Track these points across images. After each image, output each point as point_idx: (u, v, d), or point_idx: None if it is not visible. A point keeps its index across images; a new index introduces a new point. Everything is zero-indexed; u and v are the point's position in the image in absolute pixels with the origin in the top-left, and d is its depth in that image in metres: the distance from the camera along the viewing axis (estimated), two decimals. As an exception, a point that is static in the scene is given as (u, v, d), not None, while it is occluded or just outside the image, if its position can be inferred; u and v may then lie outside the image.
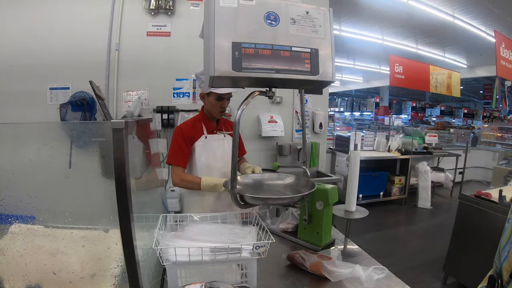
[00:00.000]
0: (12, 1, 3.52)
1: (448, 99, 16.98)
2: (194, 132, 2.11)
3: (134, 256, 0.98)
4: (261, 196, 1.24)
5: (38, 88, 3.58)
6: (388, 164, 6.29)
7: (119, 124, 0.88)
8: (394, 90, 16.35)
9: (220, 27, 1.03)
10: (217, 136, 2.15)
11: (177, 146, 2.06)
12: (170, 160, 2.05)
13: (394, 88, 14.64)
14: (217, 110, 2.09)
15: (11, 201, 1.14)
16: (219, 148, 2.13)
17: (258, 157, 4.02)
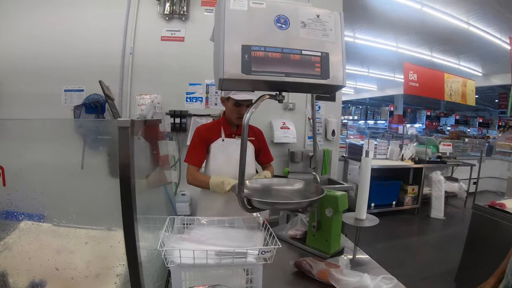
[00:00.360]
0: (29, 5, 3.63)
1: (463, 108, 16.70)
2: (211, 133, 2.14)
3: (136, 256, 0.98)
4: (268, 200, 1.22)
5: (53, 90, 3.68)
6: (401, 173, 6.20)
7: (125, 122, 0.88)
8: (408, 99, 16.16)
9: (230, 30, 1.03)
10: (235, 140, 2.15)
11: (193, 145, 2.12)
12: (187, 158, 2.11)
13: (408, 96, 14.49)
14: (235, 116, 2.10)
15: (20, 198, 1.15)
16: (235, 152, 2.08)
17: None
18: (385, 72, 11.70)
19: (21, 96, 3.62)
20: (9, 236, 1.20)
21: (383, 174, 6.08)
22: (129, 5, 3.69)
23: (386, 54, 8.45)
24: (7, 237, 1.20)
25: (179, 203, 3.48)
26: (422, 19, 5.96)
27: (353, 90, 16.70)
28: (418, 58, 8.29)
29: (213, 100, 3.87)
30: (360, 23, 6.61)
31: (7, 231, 1.20)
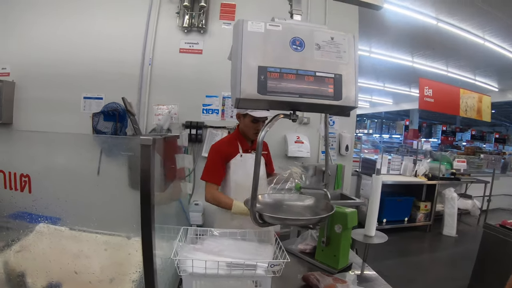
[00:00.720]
0: (51, 14, 3.79)
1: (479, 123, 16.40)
2: (230, 149, 2.19)
3: (152, 264, 1.03)
4: (280, 216, 1.26)
5: (72, 97, 3.80)
6: (414, 189, 6.13)
7: (147, 141, 0.94)
8: (424, 113, 15.98)
9: (247, 51, 1.07)
10: (251, 155, 2.19)
11: (212, 163, 2.14)
12: (205, 177, 2.13)
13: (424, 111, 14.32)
14: (252, 132, 2.16)
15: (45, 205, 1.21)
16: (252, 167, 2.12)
17: (284, 177, 4.04)
18: (400, 87, 11.64)
19: (40, 102, 3.76)
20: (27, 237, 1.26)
21: (396, 190, 6.03)
22: (149, 17, 3.81)
23: (401, 69, 8.43)
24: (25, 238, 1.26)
25: (192, 213, 3.53)
26: (438, 34, 5.96)
27: (368, 104, 16.62)
28: (434, 73, 8.24)
29: (229, 113, 3.94)
30: (376, 37, 6.64)
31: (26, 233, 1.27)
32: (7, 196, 1.18)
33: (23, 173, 1.15)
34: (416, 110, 14.80)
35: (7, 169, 1.16)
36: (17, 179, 1.15)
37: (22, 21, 3.83)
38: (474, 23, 5.66)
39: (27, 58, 3.80)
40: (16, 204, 1.20)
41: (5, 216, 1.26)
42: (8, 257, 1.22)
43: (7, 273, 1.21)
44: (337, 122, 4.30)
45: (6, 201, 1.20)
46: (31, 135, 1.37)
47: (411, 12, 5.22)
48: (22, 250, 1.24)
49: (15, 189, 1.15)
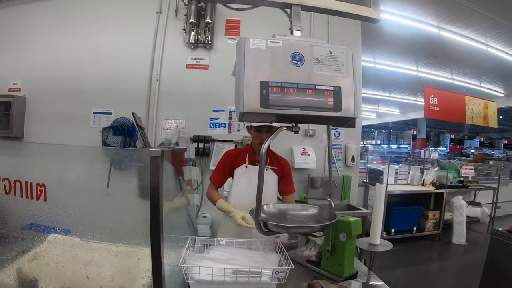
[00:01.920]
0: (62, 31, 3.94)
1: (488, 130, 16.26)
2: (237, 159, 2.29)
3: (161, 272, 1.07)
4: (283, 224, 1.30)
5: (82, 111, 3.92)
6: (422, 198, 6.07)
7: (156, 152, 1.00)
8: (431, 122, 15.91)
9: (249, 67, 1.13)
10: (256, 167, 2.20)
11: (219, 167, 2.30)
12: (211, 177, 2.31)
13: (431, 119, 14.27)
14: (257, 141, 2.24)
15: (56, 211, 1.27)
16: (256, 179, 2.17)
17: (290, 189, 4.07)
18: (406, 96, 11.65)
19: (51, 116, 3.88)
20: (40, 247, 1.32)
21: (403, 200, 6.00)
22: (156, 34, 3.94)
23: (407, 78, 8.47)
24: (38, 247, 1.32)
25: (201, 225, 3.55)
26: (441, 42, 6.00)
27: (375, 114, 16.61)
28: (439, 81, 8.26)
29: (235, 126, 4.02)
30: (379, 48, 6.70)
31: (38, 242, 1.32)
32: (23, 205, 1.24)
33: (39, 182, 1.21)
34: (424, 119, 14.74)
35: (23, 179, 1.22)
36: (33, 188, 1.21)
37: (32, 37, 3.99)
38: (476, 30, 5.70)
39: (37, 73, 3.94)
40: (31, 212, 1.26)
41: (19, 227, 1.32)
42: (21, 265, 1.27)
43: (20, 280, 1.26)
44: (343, 134, 4.33)
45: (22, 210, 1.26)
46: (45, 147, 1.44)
47: (413, 21, 5.29)
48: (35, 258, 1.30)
49: (31, 197, 1.22)
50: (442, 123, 16.82)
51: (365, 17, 1.62)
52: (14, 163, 1.35)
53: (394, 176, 6.17)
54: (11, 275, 1.26)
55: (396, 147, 17.89)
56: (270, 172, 2.26)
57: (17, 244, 1.32)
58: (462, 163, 7.41)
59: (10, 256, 1.31)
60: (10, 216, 1.31)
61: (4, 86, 4.00)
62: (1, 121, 3.83)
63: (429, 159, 7.76)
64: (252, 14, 3.92)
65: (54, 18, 3.98)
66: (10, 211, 1.31)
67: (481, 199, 6.57)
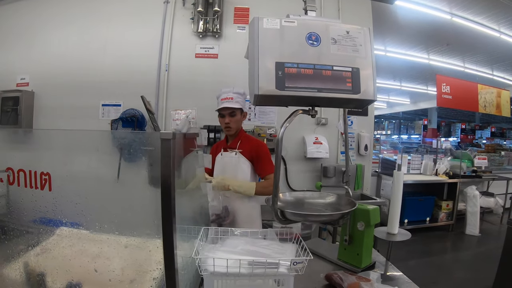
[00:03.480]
0: (68, 24, 3.92)
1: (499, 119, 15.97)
2: (217, 149, 2.42)
3: (174, 264, 1.03)
4: (301, 212, 1.25)
5: (91, 104, 3.90)
6: (435, 188, 5.99)
7: (167, 135, 0.95)
8: (442, 112, 15.69)
9: (264, 48, 1.08)
10: (227, 153, 2.32)
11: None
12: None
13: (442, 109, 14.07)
14: (223, 126, 2.31)
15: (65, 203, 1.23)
16: (229, 165, 2.30)
17: (302, 178, 4.03)
18: (417, 85, 11.46)
19: (59, 110, 3.88)
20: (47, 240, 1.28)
21: (416, 190, 5.92)
22: (164, 24, 3.89)
23: (418, 67, 8.32)
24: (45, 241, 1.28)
25: (211, 211, 3.54)
26: (453, 29, 5.85)
27: (385, 104, 16.40)
28: (450, 69, 8.09)
29: (247, 115, 3.94)
30: (390, 36, 6.56)
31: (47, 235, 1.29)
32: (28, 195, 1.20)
33: (43, 171, 1.17)
34: (434, 109, 14.53)
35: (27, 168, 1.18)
36: (38, 177, 1.17)
37: (40, 31, 3.97)
38: (489, 16, 5.54)
39: (45, 67, 3.93)
40: (36, 202, 1.22)
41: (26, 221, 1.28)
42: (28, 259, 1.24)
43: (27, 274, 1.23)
44: (356, 122, 4.25)
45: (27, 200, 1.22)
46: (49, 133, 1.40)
47: (425, 8, 5.14)
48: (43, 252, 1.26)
49: (36, 187, 1.17)
50: (452, 113, 16.59)
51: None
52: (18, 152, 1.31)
53: (407, 165, 6.08)
54: (18, 269, 1.23)
55: (407, 137, 17.69)
56: (239, 155, 2.28)
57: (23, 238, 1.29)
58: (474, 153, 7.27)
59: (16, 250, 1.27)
60: (15, 208, 1.27)
61: (12, 81, 4.00)
62: (10, 116, 3.83)
63: (441, 149, 7.63)
64: (261, 1, 3.90)
65: (60, 11, 3.95)
66: (15, 202, 1.27)
67: (494, 190, 6.48)
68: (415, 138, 16.98)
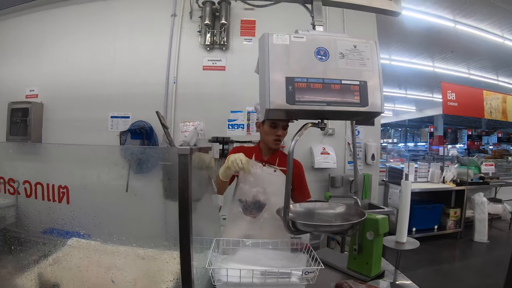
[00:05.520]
0: (77, 37, 4.00)
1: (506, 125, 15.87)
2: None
3: (190, 275, 1.05)
4: (312, 223, 1.27)
5: (100, 116, 3.94)
6: (443, 196, 5.95)
7: (185, 150, 0.98)
8: (448, 119, 15.64)
9: (274, 63, 1.11)
10: (266, 169, 2.02)
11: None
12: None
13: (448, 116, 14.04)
14: (271, 138, 2.03)
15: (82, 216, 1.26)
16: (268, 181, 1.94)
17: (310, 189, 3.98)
18: (423, 93, 11.49)
19: (68, 122, 3.91)
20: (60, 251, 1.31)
21: (424, 198, 5.89)
22: (171, 36, 3.95)
23: (423, 74, 8.35)
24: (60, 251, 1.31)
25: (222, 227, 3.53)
26: (457, 36, 5.89)
27: (391, 112, 16.40)
28: (455, 76, 8.10)
29: (254, 127, 3.98)
30: (395, 44, 6.61)
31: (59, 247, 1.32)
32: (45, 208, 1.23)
33: (61, 184, 1.20)
34: (440, 116, 14.50)
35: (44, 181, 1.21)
36: (55, 190, 1.20)
37: (49, 44, 4.05)
38: (492, 22, 5.58)
39: (54, 79, 3.99)
40: (53, 215, 1.25)
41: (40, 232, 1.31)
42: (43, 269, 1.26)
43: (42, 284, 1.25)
44: (362, 132, 4.27)
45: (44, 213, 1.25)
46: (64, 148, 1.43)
47: (428, 16, 5.20)
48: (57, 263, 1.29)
49: (53, 200, 1.21)
50: (459, 120, 16.53)
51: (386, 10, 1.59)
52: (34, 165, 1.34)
53: (414, 174, 6.07)
54: (33, 280, 1.26)
55: (413, 145, 17.61)
56: (279, 173, 2.01)
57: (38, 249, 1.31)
58: (481, 159, 7.24)
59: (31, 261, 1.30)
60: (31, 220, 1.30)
61: (21, 93, 4.05)
62: (19, 128, 3.88)
63: (447, 156, 7.60)
64: (267, 13, 3.96)
65: (69, 24, 4.03)
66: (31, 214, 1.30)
67: (502, 196, 6.42)
68: (421, 146, 16.91)
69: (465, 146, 15.03)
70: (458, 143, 15.72)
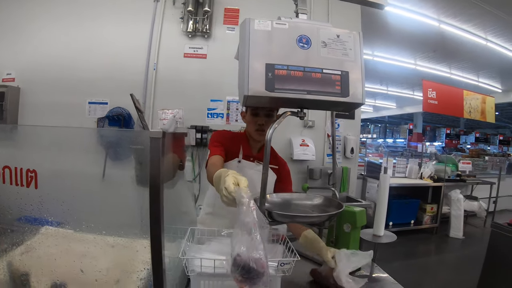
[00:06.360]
0: (56, 18, 3.84)
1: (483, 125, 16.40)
2: (232, 145, 1.86)
3: (161, 265, 1.02)
4: (289, 213, 1.25)
5: (77, 102, 3.83)
6: (420, 191, 6.10)
7: (157, 133, 0.93)
8: (427, 117, 15.99)
9: (254, 49, 1.08)
10: (253, 165, 1.88)
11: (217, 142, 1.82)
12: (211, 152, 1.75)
13: (427, 114, 14.35)
14: (253, 128, 1.83)
15: (51, 202, 1.21)
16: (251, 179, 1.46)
17: (288, 180, 4.04)
18: (404, 90, 11.66)
19: (45, 107, 3.79)
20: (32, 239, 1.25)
21: (401, 193, 6.00)
22: (153, 22, 3.85)
23: (404, 72, 8.45)
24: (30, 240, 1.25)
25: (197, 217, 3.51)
26: (440, 36, 5.97)
27: (372, 108, 16.62)
28: (436, 75, 8.24)
29: (233, 117, 3.97)
30: (379, 41, 6.65)
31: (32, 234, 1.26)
32: (13, 193, 1.17)
33: (29, 168, 1.14)
34: (420, 114, 14.80)
35: (12, 165, 1.15)
36: (23, 174, 1.14)
37: (27, 27, 3.88)
38: (476, 24, 5.67)
39: (32, 63, 3.84)
40: (21, 200, 1.19)
41: (11, 219, 1.25)
42: (12, 258, 1.21)
43: (11, 274, 1.20)
44: (342, 125, 4.29)
45: (12, 199, 1.19)
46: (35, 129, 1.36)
47: (413, 14, 5.23)
48: (27, 251, 1.23)
49: (21, 185, 1.15)
50: (437, 118, 16.93)
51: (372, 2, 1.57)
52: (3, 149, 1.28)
53: (392, 169, 6.17)
54: (2, 269, 1.20)
55: (392, 141, 17.93)
56: (270, 171, 1.88)
57: (7, 236, 1.26)
58: (458, 158, 7.43)
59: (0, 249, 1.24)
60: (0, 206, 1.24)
61: (-3, 76, 3.89)
62: (-6, 112, 3.74)
63: (426, 153, 7.77)
64: (252, 2, 3.91)
65: (48, 7, 3.86)
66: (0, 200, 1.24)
67: (478, 194, 6.63)
68: (400, 142, 17.21)
69: (443, 144, 15.39)
70: (437, 141, 16.09)
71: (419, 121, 15.43)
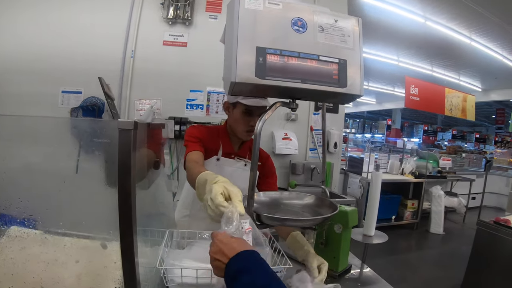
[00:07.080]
0: (28, 5, 3.56)
1: (460, 123, 16.79)
2: (210, 141, 1.68)
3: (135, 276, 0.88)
4: (280, 216, 1.13)
5: (50, 91, 3.59)
6: (401, 187, 6.14)
7: (127, 124, 0.78)
8: (406, 113, 16.24)
9: (244, 31, 0.95)
10: (233, 162, 1.72)
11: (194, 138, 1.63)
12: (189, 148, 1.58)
13: (406, 110, 14.56)
14: (242, 128, 1.64)
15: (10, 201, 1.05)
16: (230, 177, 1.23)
17: (271, 175, 3.94)
18: (384, 86, 11.73)
19: (17, 96, 3.53)
20: None
21: (382, 188, 5.95)
22: (132, 8, 3.63)
23: (386, 68, 8.48)
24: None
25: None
26: (425, 32, 5.96)
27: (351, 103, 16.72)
28: (418, 72, 8.30)
29: (214, 108, 3.81)
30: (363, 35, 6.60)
31: None
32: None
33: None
34: (399, 110, 15.01)
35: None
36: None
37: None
38: (461, 22, 5.68)
39: (1, 50, 3.56)
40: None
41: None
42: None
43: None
44: (326, 119, 4.21)
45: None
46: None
47: (400, 10, 5.18)
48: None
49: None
50: (415, 115, 17.22)
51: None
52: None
53: (373, 164, 6.18)
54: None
55: (370, 136, 18.18)
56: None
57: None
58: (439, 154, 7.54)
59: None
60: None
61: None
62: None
63: (406, 149, 7.85)
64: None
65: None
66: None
67: (458, 190, 6.78)
68: (378, 137, 17.45)
69: (420, 140, 15.69)
70: (414, 137, 16.39)
71: (397, 117, 15.68)
